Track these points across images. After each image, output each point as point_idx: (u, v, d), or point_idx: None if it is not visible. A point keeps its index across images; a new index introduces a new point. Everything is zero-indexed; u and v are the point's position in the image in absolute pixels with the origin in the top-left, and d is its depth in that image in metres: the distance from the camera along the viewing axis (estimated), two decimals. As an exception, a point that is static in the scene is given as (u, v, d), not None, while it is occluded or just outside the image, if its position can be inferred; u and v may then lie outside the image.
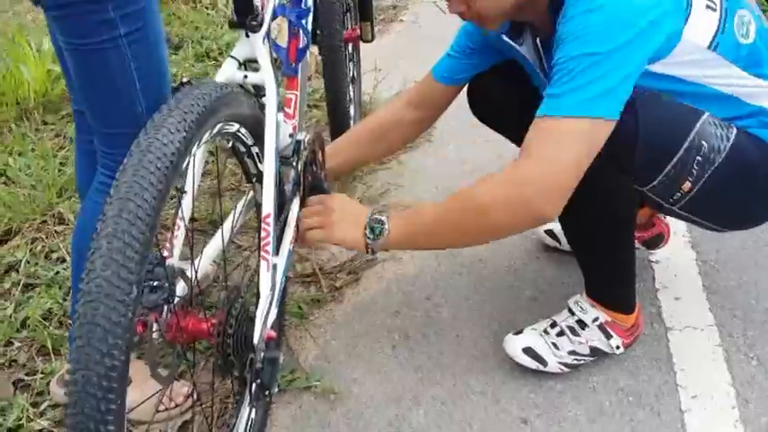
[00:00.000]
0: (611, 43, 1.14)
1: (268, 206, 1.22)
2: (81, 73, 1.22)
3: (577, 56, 1.15)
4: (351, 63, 2.42)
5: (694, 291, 1.75)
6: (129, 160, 0.92)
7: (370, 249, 1.35)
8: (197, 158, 1.17)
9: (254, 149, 1.30)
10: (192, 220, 1.42)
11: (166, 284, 1.09)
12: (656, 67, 1.23)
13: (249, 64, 1.33)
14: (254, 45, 1.29)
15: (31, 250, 1.94)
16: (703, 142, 1.26)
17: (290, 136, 1.51)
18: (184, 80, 1.23)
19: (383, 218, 1.34)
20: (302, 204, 1.53)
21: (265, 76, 1.28)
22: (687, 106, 1.28)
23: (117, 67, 1.18)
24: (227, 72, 1.28)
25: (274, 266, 1.24)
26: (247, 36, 1.30)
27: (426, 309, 1.75)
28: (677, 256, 1.85)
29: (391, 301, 1.78)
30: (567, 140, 1.16)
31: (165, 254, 1.14)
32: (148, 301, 1.08)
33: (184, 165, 0.99)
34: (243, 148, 1.30)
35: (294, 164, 1.48)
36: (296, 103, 1.59)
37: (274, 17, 1.46)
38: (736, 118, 1.31)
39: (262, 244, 1.21)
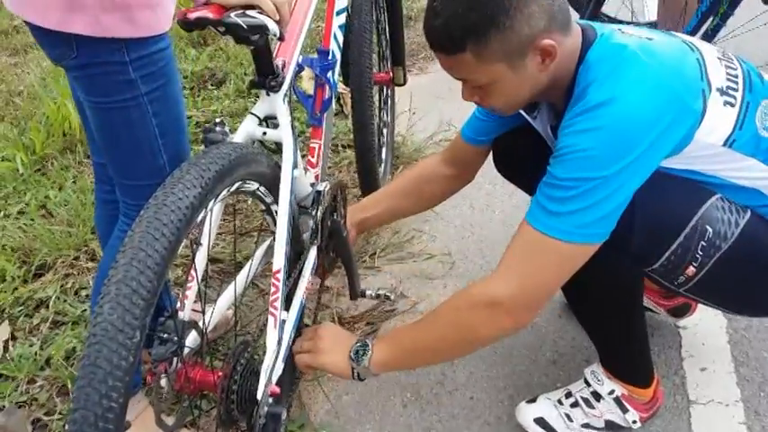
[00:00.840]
0: (610, 168, 1.11)
1: (279, 262, 1.23)
2: (103, 129, 1.26)
3: (575, 178, 1.13)
4: (384, 106, 2.43)
5: (722, 361, 1.68)
6: (145, 212, 0.97)
7: (355, 374, 1.36)
8: (214, 213, 1.19)
9: (274, 207, 1.33)
10: (206, 274, 1.47)
11: (175, 338, 1.12)
12: (666, 163, 1.19)
13: (269, 120, 1.35)
14: (274, 104, 1.32)
15: (62, 286, 1.99)
16: (708, 228, 1.20)
17: (312, 185, 1.53)
18: (217, 120, 1.28)
19: (367, 341, 1.35)
20: (320, 252, 1.54)
21: (284, 134, 1.31)
22: (694, 186, 1.23)
23: (139, 124, 1.22)
24: (248, 128, 1.30)
25: (282, 322, 1.25)
26: (268, 95, 1.32)
27: (441, 366, 1.72)
28: (707, 322, 1.79)
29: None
30: (553, 262, 1.17)
31: (179, 305, 1.17)
32: (157, 353, 1.12)
33: (200, 218, 1.02)
34: (263, 206, 1.32)
35: (313, 213, 1.49)
36: (319, 151, 1.62)
37: (300, 70, 1.49)
38: (761, 206, 1.25)
39: (270, 299, 1.22)
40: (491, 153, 1.65)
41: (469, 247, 2.15)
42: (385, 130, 2.42)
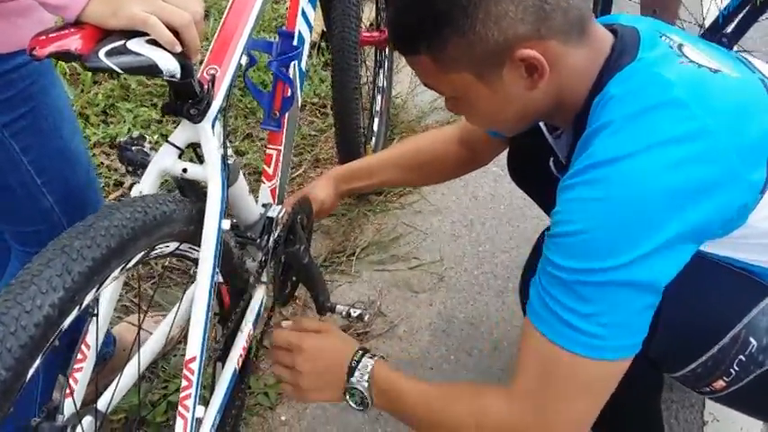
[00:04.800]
0: (618, 258, 0.81)
1: (193, 348, 0.93)
2: None
3: (578, 270, 0.83)
4: (380, 69, 2.07)
5: (753, 430, 1.41)
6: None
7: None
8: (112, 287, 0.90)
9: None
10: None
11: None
12: (704, 247, 0.89)
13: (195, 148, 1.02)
14: (199, 131, 0.97)
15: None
16: (752, 340, 0.91)
17: (264, 207, 1.22)
18: (135, 135, 0.99)
19: (364, 391, 1.02)
20: (281, 298, 1.26)
21: (210, 173, 0.97)
22: (742, 282, 0.93)
23: (4, 164, 0.91)
24: (163, 164, 0.96)
25: (197, 422, 0.96)
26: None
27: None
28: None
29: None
30: (576, 388, 0.87)
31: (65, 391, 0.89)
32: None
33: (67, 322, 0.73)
34: (190, 262, 1.02)
35: (262, 245, 1.18)
36: (278, 160, 1.29)
37: (250, 65, 1.15)
38: None
39: (181, 396, 0.93)
40: (506, 157, 1.38)
41: (465, 252, 1.84)
42: (379, 97, 2.06)
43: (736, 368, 0.93)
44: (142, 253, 0.85)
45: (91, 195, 1.07)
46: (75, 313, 0.74)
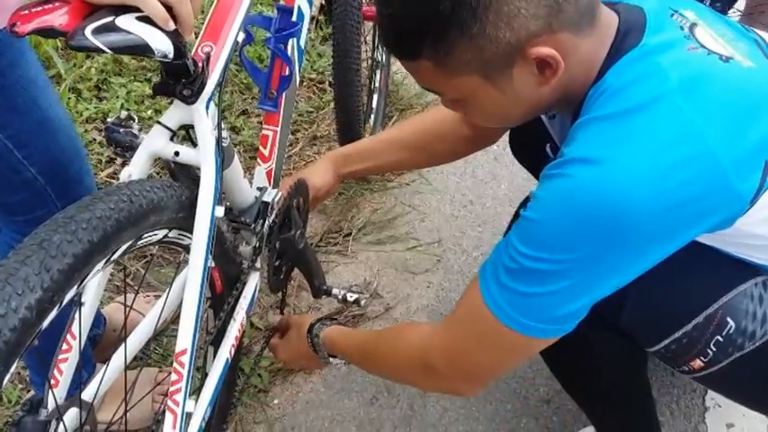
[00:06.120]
0: (576, 252, 0.79)
1: (184, 341, 0.90)
2: None
3: (528, 255, 0.82)
4: (380, 45, 2.01)
5: (754, 416, 1.39)
6: None
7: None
8: (101, 274, 0.87)
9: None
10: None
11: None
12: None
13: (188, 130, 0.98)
14: (193, 112, 0.93)
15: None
16: (729, 321, 0.90)
17: (259, 190, 1.19)
18: (123, 115, 0.95)
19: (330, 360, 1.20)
20: (274, 284, 1.24)
21: (204, 157, 0.93)
22: (726, 261, 0.91)
23: None
24: (154, 146, 0.93)
25: (187, 416, 0.94)
26: (184, 101, 0.94)
27: (411, 395, 1.44)
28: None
29: (369, 382, 1.47)
30: (493, 345, 0.91)
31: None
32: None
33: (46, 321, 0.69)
34: (181, 248, 0.99)
35: (257, 230, 1.15)
36: (274, 141, 1.26)
37: (247, 42, 1.11)
38: None
39: (170, 390, 0.91)
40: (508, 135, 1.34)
41: (464, 232, 1.81)
42: (378, 73, 2.02)
43: (714, 348, 0.93)
44: (127, 244, 0.81)
45: (73, 158, 1.03)
46: (54, 312, 0.70)
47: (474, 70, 0.83)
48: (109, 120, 0.94)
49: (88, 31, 0.72)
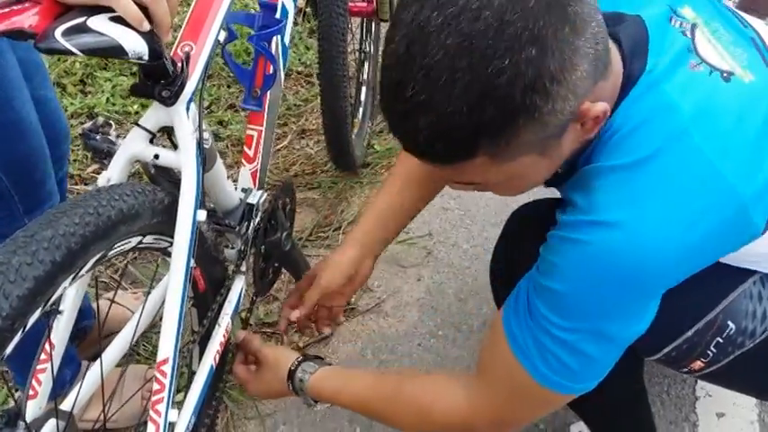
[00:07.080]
0: (596, 319, 0.80)
1: (166, 349, 0.89)
2: None
3: (573, 328, 0.81)
4: (367, 35, 1.99)
5: (744, 406, 1.41)
6: None
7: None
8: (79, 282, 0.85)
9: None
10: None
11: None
12: None
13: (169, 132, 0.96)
14: (172, 114, 0.91)
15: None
16: (730, 323, 0.92)
17: (244, 192, 1.18)
18: (100, 121, 0.93)
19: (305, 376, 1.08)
20: (261, 288, 1.23)
21: (185, 159, 0.91)
22: (721, 270, 0.89)
23: None
24: (132, 149, 0.91)
25: (170, 426, 0.93)
26: (163, 103, 0.93)
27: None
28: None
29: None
30: (533, 405, 0.92)
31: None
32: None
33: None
34: (161, 253, 0.97)
35: (242, 233, 1.14)
36: (258, 142, 1.24)
37: (230, 40, 1.08)
38: None
39: (152, 399, 0.90)
40: None
41: (454, 225, 1.80)
42: (366, 65, 2.00)
43: (714, 350, 0.94)
44: (96, 258, 0.77)
45: (39, 161, 1.02)
46: (17, 338, 0.66)
47: (533, 149, 0.74)
48: (85, 126, 0.92)
49: (58, 32, 0.69)
